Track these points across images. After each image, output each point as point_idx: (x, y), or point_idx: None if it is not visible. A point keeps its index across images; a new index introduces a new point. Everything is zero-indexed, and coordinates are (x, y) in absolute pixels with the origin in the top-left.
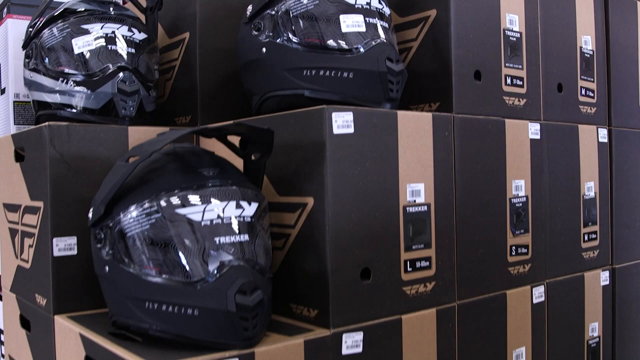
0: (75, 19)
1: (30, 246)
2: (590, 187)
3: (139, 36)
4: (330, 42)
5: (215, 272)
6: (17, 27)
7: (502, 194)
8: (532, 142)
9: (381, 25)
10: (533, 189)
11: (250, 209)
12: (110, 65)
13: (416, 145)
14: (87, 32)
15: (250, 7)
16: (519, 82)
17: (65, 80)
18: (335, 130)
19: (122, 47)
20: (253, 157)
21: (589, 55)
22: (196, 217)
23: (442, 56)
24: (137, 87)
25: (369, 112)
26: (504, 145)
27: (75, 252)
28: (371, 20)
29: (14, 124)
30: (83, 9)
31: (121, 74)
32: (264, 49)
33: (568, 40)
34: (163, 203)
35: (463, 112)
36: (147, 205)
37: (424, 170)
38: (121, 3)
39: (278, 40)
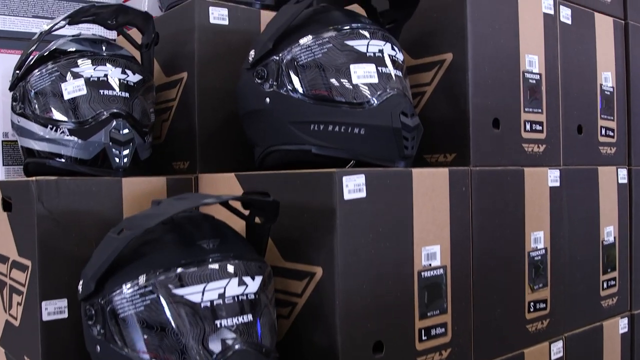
0: (66, 60)
1: (18, 304)
2: (609, 232)
3: (134, 78)
4: (340, 95)
5: (219, 358)
6: (6, 62)
7: (520, 248)
8: (552, 190)
9: (395, 75)
10: (552, 240)
11: (254, 285)
12: (103, 112)
13: (432, 205)
14: (77, 75)
15: (252, 53)
16: (538, 127)
17: (54, 128)
18: (346, 196)
19: (115, 92)
20: (257, 221)
21: (609, 93)
22: (195, 298)
23: (459, 104)
24: (132, 136)
25: (382, 173)
26: (523, 196)
27: (66, 315)
28: (384, 69)
29: (3, 165)
30: (74, 49)
31: (114, 122)
32: (267, 99)
33: (588, 78)
34: (159, 283)
35: (481, 164)
36: (141, 284)
37: (440, 231)
38: (115, 36)
39: (283, 91)
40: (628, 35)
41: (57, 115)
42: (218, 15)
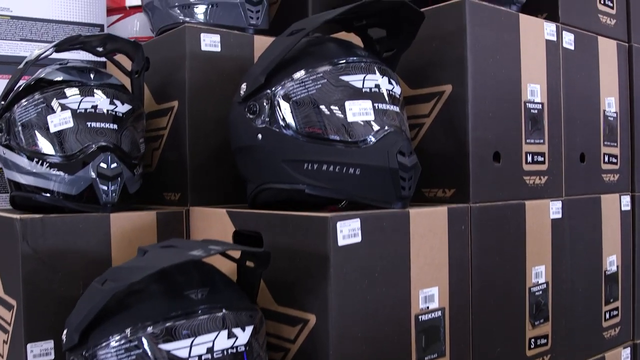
0: (52, 91)
1: (4, 342)
2: (612, 262)
3: (122, 108)
4: (334, 133)
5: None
6: None
7: (521, 284)
8: (554, 222)
9: (391, 111)
10: (554, 273)
11: (244, 336)
12: (90, 145)
13: (430, 245)
14: (64, 107)
15: (244, 86)
16: (540, 159)
17: (40, 162)
18: (341, 242)
19: (103, 124)
20: (247, 264)
21: (612, 119)
22: (182, 354)
23: (458, 137)
24: (120, 170)
25: (378, 215)
26: (524, 230)
27: (52, 357)
28: (380, 105)
29: None
30: (60, 79)
31: (102, 156)
32: (259, 136)
33: (591, 105)
34: (145, 337)
35: (481, 200)
36: (127, 338)
37: (438, 272)
38: (105, 59)
39: (275, 127)
40: (632, 58)
41: (43, 148)
42: (210, 42)
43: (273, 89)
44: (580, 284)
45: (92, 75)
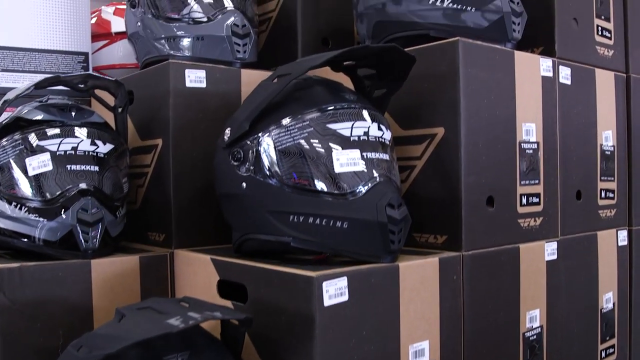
0: (31, 132)
1: None
2: (608, 299)
3: (104, 149)
4: (321, 184)
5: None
6: None
7: (515, 329)
8: (549, 264)
9: (381, 159)
10: (549, 316)
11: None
12: (69, 190)
13: (420, 298)
14: (43, 149)
15: (228, 132)
16: (535, 200)
17: (19, 206)
18: (327, 302)
19: (83, 166)
20: (231, 321)
21: (609, 152)
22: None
23: (451, 183)
24: (101, 215)
25: (366, 272)
26: (518, 274)
27: None
28: (369, 154)
29: None
30: (40, 118)
31: (82, 200)
32: (243, 184)
33: (588, 140)
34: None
35: (473, 248)
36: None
37: (429, 326)
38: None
39: (259, 177)
40: (630, 88)
41: (21, 192)
42: (195, 78)
43: (258, 136)
44: (575, 324)
45: (73, 113)
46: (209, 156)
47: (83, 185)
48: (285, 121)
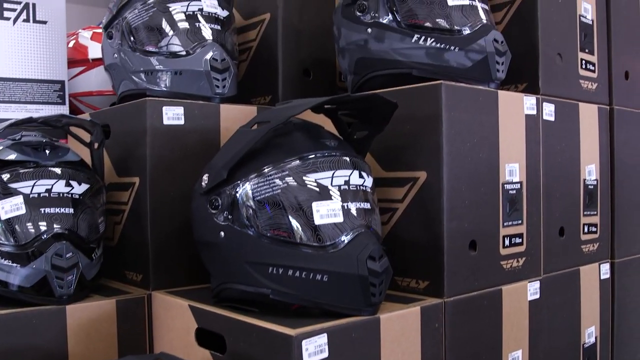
0: (3, 174)
1: None
2: (590, 333)
3: (80, 189)
4: (300, 237)
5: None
6: None
7: None
8: (531, 303)
9: (361, 209)
10: (531, 356)
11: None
12: (44, 234)
13: (401, 350)
14: (16, 192)
15: (205, 178)
16: (518, 240)
17: None
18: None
19: (57, 209)
20: None
21: (592, 187)
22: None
23: (433, 228)
24: (76, 260)
25: (347, 326)
26: (500, 317)
27: None
28: (349, 204)
29: None
30: (13, 158)
31: (56, 245)
32: (222, 233)
33: (571, 175)
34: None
35: (455, 293)
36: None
37: None
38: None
39: (238, 226)
40: (613, 120)
41: None
42: (173, 115)
43: (236, 184)
44: None
45: (47, 152)
46: (187, 195)
47: (57, 229)
48: (264, 170)
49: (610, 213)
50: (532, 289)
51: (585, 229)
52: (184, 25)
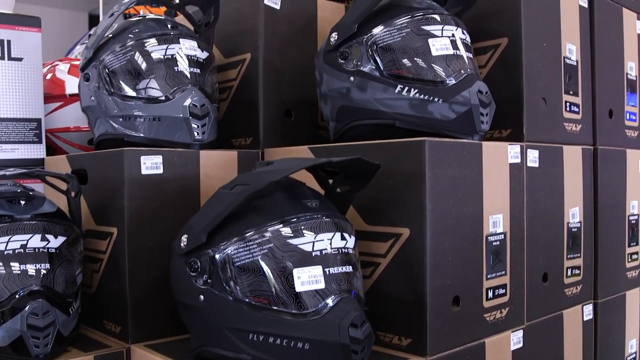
0: None
1: None
2: None
3: (56, 242)
4: (281, 304)
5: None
6: None
7: None
8: (514, 353)
9: (343, 273)
10: None
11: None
12: (19, 292)
13: None
14: None
15: (184, 239)
16: (501, 291)
17: None
18: None
19: (33, 265)
20: None
21: (576, 229)
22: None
23: (416, 286)
24: (52, 319)
25: None
26: None
27: None
28: (332, 270)
29: None
30: None
31: (32, 304)
32: (201, 297)
33: (555, 220)
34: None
35: (439, 351)
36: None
37: None
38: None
39: (217, 291)
40: (597, 160)
41: None
42: (151, 165)
43: (215, 249)
44: None
45: (22, 203)
46: (167, 245)
47: (33, 287)
48: (244, 235)
49: (594, 253)
50: (515, 339)
51: (569, 272)
52: (162, 69)
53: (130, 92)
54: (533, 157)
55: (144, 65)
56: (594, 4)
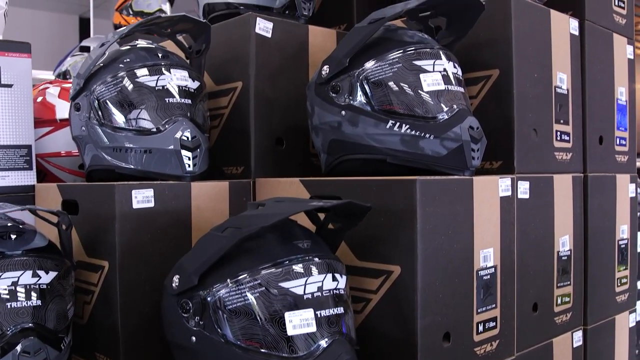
0: None
1: None
2: None
3: (47, 278)
4: (273, 348)
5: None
6: None
7: None
8: None
9: (335, 315)
10: None
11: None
12: (11, 330)
13: None
14: None
15: (176, 279)
16: (491, 324)
17: None
18: None
19: (24, 302)
20: None
21: (565, 258)
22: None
23: (407, 324)
24: (44, 356)
25: None
26: None
27: None
28: (323, 312)
29: None
30: None
31: (23, 342)
32: (193, 338)
33: (545, 251)
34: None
35: None
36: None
37: None
38: None
39: (209, 332)
40: (587, 187)
41: None
42: (142, 199)
43: (207, 291)
44: None
45: (13, 237)
46: (158, 278)
47: (25, 324)
48: (236, 278)
49: (584, 279)
50: None
51: (559, 301)
52: (153, 100)
53: (121, 123)
54: (524, 189)
55: (134, 97)
56: (584, 31)
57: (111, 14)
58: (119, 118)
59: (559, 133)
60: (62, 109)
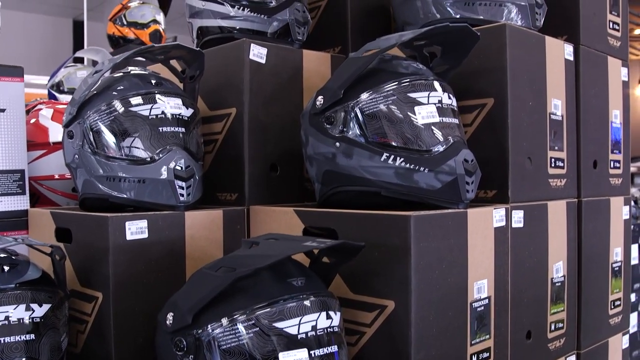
0: None
1: None
2: None
3: (41, 311)
4: None
5: None
6: None
7: None
8: None
9: (328, 354)
10: None
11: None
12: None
13: None
14: None
15: (170, 317)
16: (485, 355)
17: None
18: None
19: (17, 337)
20: None
21: (559, 284)
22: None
23: (400, 358)
24: None
25: None
26: None
27: None
28: (317, 352)
29: None
30: None
31: None
32: None
33: (539, 278)
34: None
35: None
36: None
37: None
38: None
39: None
40: (581, 212)
41: None
42: (136, 230)
43: (202, 331)
44: None
45: (6, 269)
46: (152, 310)
47: (18, 358)
48: (231, 317)
49: (577, 304)
50: None
51: (552, 327)
52: (146, 130)
53: (114, 152)
54: (518, 218)
55: (128, 126)
56: (579, 56)
57: (105, 17)
58: (112, 147)
59: (553, 160)
60: (55, 132)
